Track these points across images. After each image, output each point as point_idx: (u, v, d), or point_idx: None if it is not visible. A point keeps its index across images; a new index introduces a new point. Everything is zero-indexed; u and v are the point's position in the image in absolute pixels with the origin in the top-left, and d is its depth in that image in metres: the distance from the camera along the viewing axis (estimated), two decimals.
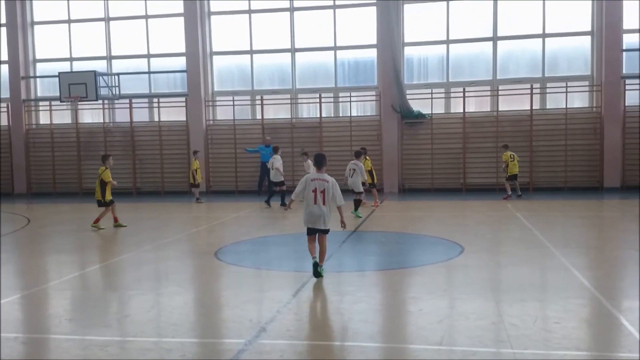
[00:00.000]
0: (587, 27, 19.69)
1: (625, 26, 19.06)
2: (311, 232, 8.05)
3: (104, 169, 13.24)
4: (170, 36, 21.88)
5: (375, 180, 17.08)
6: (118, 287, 8.27)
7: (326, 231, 8.02)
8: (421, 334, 5.61)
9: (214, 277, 8.66)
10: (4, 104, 22.95)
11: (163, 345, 5.44)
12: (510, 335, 5.46)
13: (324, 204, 7.89)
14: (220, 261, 9.35)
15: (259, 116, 21.58)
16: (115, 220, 13.37)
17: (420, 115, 20.33)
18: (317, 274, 7.80)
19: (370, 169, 16.54)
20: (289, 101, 21.54)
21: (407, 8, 20.61)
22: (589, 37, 19.75)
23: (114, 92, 21.72)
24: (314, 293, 7.18)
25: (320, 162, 8.11)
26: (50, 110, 22.82)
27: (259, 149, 20.11)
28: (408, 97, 20.36)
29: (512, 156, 17.81)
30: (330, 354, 5.11)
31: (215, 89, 22.19)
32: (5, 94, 23.00)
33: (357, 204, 14.36)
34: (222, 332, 6.04)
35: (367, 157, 16.68)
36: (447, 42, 20.42)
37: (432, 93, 20.38)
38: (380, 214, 15.10)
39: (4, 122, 22.97)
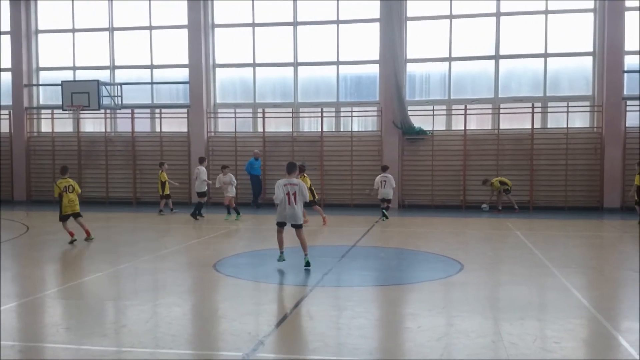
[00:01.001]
0: (589, 48, 19.80)
1: (627, 48, 19.16)
2: (282, 225, 9.70)
3: (73, 180, 12.93)
4: (174, 48, 21.98)
5: (317, 197, 16.45)
6: (115, 297, 8.23)
7: (300, 225, 9.70)
8: (420, 351, 5.58)
9: (212, 289, 8.63)
10: (5, 112, 23.00)
11: (160, 357, 5.40)
12: (509, 354, 5.42)
13: (296, 203, 9.54)
14: (219, 273, 9.33)
15: (260, 129, 21.63)
16: (72, 234, 12.42)
17: (421, 132, 20.37)
18: (280, 259, 9.63)
19: (309, 186, 15.35)
20: (290, 115, 21.59)
21: (410, 25, 20.73)
22: (590, 58, 19.84)
23: (116, 102, 21.77)
24: (313, 307, 7.15)
25: (290, 169, 9.74)
26: (52, 118, 22.87)
27: (250, 163, 20.35)
28: (409, 113, 20.41)
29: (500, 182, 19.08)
30: None
31: (218, 101, 22.25)
32: (8, 101, 23.06)
33: (386, 209, 16.71)
34: (220, 344, 6.00)
35: (306, 175, 15.44)
36: (450, 59, 20.51)
37: (433, 110, 20.44)
38: (379, 229, 15.07)
39: (6, 130, 23.00)
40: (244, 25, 21.73)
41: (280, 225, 9.74)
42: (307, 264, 9.46)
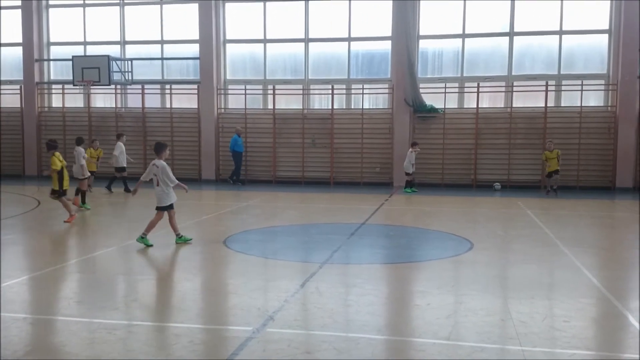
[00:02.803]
0: (605, 26, 19.48)
1: None
2: (158, 208, 9.65)
3: None
4: (184, 23, 21.85)
5: (66, 187, 12.10)
6: (127, 271, 8.30)
7: (161, 208, 9.62)
8: (429, 329, 5.58)
9: (222, 264, 8.68)
10: (17, 86, 23.07)
11: (171, 330, 5.45)
12: (519, 333, 5.42)
13: (157, 185, 9.57)
14: (228, 249, 9.37)
15: (270, 106, 21.54)
16: None
17: (432, 110, 20.22)
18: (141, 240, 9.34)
19: (60, 168, 11.96)
20: (301, 92, 21.47)
21: (423, 1, 20.42)
22: (606, 36, 19.53)
23: (126, 78, 21.76)
24: (322, 284, 7.17)
25: (156, 149, 9.69)
26: (63, 93, 22.88)
27: (234, 139, 20.53)
28: (421, 90, 20.24)
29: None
30: (337, 345, 5.09)
31: (228, 77, 22.15)
32: (19, 76, 23.12)
33: (407, 183, 18.67)
34: (230, 319, 6.04)
35: (56, 154, 12.04)
36: (463, 36, 20.26)
37: (445, 87, 20.26)
38: (389, 207, 15.05)
39: (17, 104, 23.08)
40: (254, 0, 21.52)
41: (158, 209, 9.77)
42: (179, 239, 9.71)
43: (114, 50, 22.21)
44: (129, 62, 21.80)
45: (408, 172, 18.61)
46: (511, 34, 19.98)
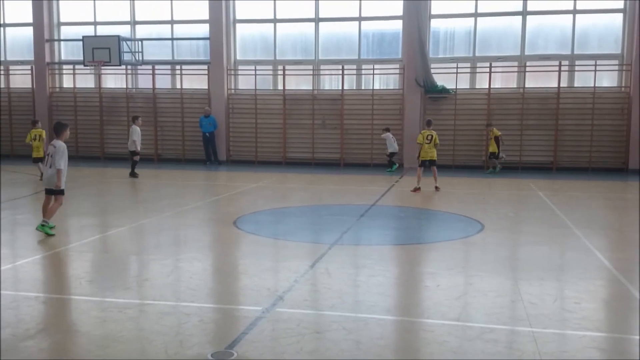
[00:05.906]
0: (620, 5, 19.14)
1: None
2: (47, 192, 9.10)
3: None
4: (194, 3, 21.70)
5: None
6: (138, 251, 8.35)
7: (52, 191, 8.97)
8: (438, 309, 5.58)
9: (232, 245, 8.71)
10: (27, 67, 23.11)
11: (182, 310, 5.49)
12: (529, 314, 5.41)
13: (50, 166, 9.00)
14: (239, 230, 9.39)
15: (280, 87, 21.45)
16: None
17: (444, 90, 20.05)
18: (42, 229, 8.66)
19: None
20: (311, 72, 21.34)
21: None
22: (620, 15, 19.20)
23: (137, 58, 21.73)
24: (331, 265, 7.18)
25: (55, 129, 9.26)
26: (74, 73, 22.89)
27: (200, 120, 20.76)
28: (432, 71, 20.06)
29: (429, 137, 14.05)
30: (347, 325, 5.11)
31: (238, 57, 22.05)
32: (30, 56, 23.14)
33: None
34: (240, 299, 6.08)
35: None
36: (475, 15, 19.99)
37: (457, 67, 20.05)
38: (399, 189, 15.02)
39: (28, 85, 23.14)
40: None
41: (47, 192, 9.17)
42: (41, 227, 8.76)
43: (124, 31, 22.14)
44: (140, 42, 21.75)
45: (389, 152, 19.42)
46: (524, 13, 19.70)
